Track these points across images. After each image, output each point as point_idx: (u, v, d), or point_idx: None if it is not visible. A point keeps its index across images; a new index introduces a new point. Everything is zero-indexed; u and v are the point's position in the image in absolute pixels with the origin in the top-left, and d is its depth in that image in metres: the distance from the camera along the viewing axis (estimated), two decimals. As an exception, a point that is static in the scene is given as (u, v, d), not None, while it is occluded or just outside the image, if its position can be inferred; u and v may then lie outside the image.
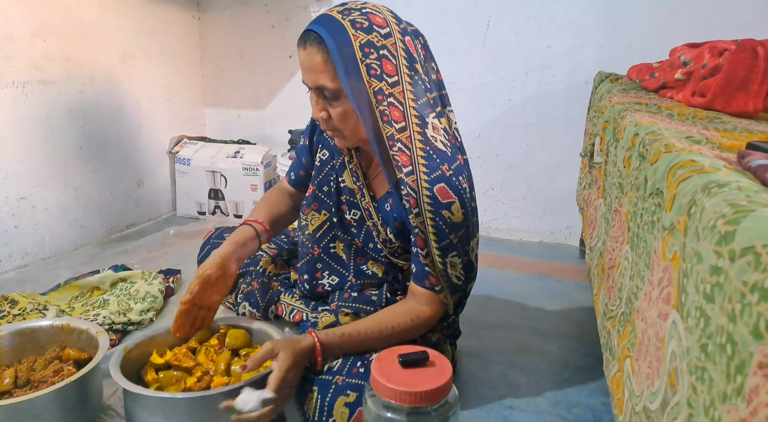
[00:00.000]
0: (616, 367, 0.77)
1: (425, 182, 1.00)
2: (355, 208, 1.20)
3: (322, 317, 1.19)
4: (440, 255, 1.05)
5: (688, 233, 0.50)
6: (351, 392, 1.01)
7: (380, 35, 0.99)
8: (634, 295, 0.72)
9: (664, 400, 0.52)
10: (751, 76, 1.10)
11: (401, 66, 1.00)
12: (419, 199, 1.01)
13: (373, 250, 1.20)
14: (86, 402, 1.06)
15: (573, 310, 1.68)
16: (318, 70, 0.99)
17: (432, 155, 1.01)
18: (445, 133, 1.06)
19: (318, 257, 1.25)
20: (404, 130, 1.00)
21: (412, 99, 1.01)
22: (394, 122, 0.99)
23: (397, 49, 1.00)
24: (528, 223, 2.35)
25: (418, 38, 1.08)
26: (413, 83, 1.01)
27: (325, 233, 1.24)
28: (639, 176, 0.78)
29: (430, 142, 1.02)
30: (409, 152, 1.00)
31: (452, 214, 1.02)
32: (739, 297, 0.38)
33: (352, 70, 0.97)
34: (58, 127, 1.94)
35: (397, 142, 1.00)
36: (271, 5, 2.47)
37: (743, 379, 0.36)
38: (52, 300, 1.56)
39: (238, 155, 2.46)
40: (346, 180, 1.19)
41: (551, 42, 2.11)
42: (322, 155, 1.24)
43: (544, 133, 2.21)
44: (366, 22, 0.98)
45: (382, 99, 0.98)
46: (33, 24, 1.81)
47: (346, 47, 0.96)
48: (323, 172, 1.23)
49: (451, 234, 1.04)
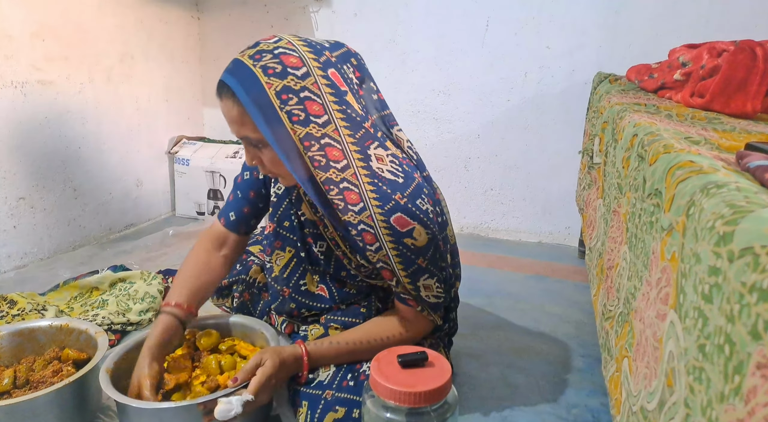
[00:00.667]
0: (614, 367, 0.77)
1: (380, 215, 0.95)
2: (321, 240, 1.15)
3: (311, 329, 1.18)
4: (410, 282, 1.02)
5: (687, 234, 0.50)
6: (340, 407, 0.99)
7: (297, 77, 0.92)
8: (632, 296, 0.72)
9: (661, 400, 0.52)
10: (749, 77, 1.11)
11: (328, 103, 0.94)
12: (377, 233, 0.96)
13: (348, 277, 1.17)
14: (85, 403, 1.06)
15: (572, 311, 1.68)
16: (238, 121, 0.95)
17: (381, 187, 0.96)
18: (394, 158, 1.00)
19: (290, 297, 1.21)
20: (348, 168, 0.95)
21: (349, 134, 0.95)
22: (334, 162, 0.94)
23: (320, 86, 0.93)
24: (527, 224, 2.35)
25: (348, 62, 1.02)
26: (346, 118, 0.95)
27: (292, 271, 1.19)
28: (638, 177, 0.78)
29: (377, 174, 0.96)
30: (357, 189, 0.95)
31: (415, 240, 0.97)
32: (737, 298, 0.38)
33: (272, 120, 0.92)
34: (56, 127, 1.94)
35: (342, 182, 0.95)
36: (270, 5, 2.48)
37: (741, 379, 0.36)
38: (51, 300, 1.55)
39: (237, 155, 2.46)
40: (306, 212, 1.14)
41: (550, 43, 2.11)
42: (277, 190, 1.17)
43: (544, 133, 2.21)
44: (279, 66, 0.91)
45: (310, 144, 0.93)
46: (32, 24, 1.81)
47: (261, 97, 0.91)
48: (281, 206, 1.17)
49: (419, 259, 1.00)
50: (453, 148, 2.35)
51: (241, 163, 2.33)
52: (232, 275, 1.38)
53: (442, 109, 2.33)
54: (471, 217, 2.41)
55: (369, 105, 1.03)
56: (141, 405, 0.95)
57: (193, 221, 2.49)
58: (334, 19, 2.38)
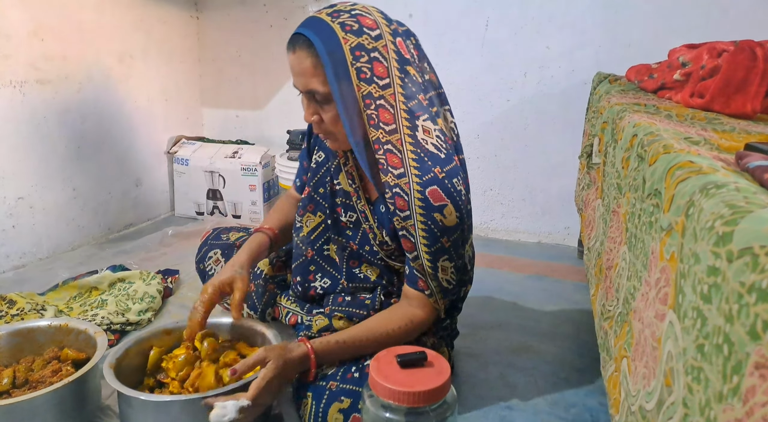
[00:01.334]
0: (613, 367, 0.77)
1: (417, 184, 0.99)
2: (351, 211, 1.19)
3: (316, 320, 1.19)
4: (430, 260, 1.03)
5: (686, 234, 0.50)
6: (345, 398, 1.00)
7: (371, 38, 0.98)
8: (632, 296, 0.72)
9: (659, 400, 0.52)
10: (749, 77, 1.11)
11: (392, 68, 0.99)
12: (410, 202, 0.99)
13: (369, 253, 1.19)
14: (84, 403, 1.06)
15: (571, 311, 1.68)
16: (308, 74, 0.98)
17: (423, 157, 1.00)
18: (440, 134, 1.04)
19: (311, 259, 1.24)
20: (395, 132, 0.99)
21: (403, 101, 1.00)
22: (384, 124, 0.99)
23: (389, 51, 0.99)
24: (526, 224, 2.35)
25: (410, 38, 1.07)
26: (404, 85, 1.00)
27: (319, 235, 1.23)
28: (637, 177, 0.78)
29: (421, 144, 1.00)
30: (400, 154, 0.99)
31: (444, 217, 1.00)
32: (736, 298, 0.38)
33: (342, 74, 0.96)
34: (55, 126, 1.94)
35: (386, 143, 0.99)
36: (270, 5, 2.47)
37: (740, 379, 0.36)
38: (50, 300, 1.55)
39: (237, 155, 2.46)
40: (342, 182, 1.19)
41: (550, 43, 2.11)
42: (318, 157, 1.24)
43: (543, 133, 2.21)
44: (356, 24, 0.97)
45: (370, 102, 0.98)
46: (31, 23, 1.81)
47: (337, 51, 0.96)
48: (319, 173, 1.23)
49: (443, 238, 1.02)
50: (452, 148, 2.35)
51: (240, 163, 2.32)
52: None
53: (441, 109, 2.33)
54: (470, 217, 2.41)
55: (425, 81, 1.07)
56: (148, 398, 0.96)
57: (192, 221, 2.49)
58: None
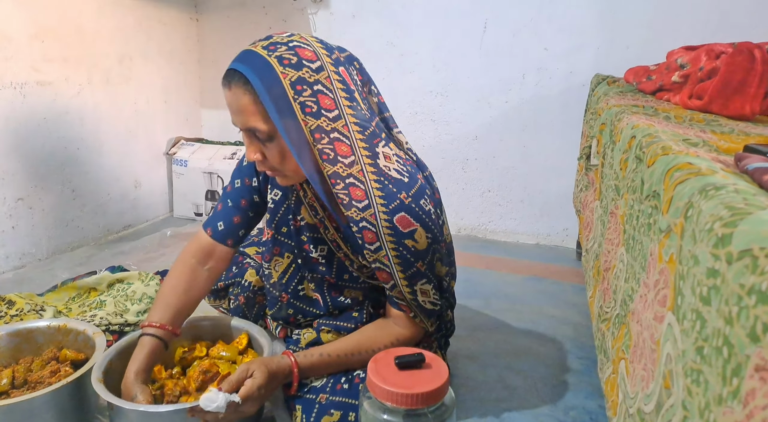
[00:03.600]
0: (611, 369, 0.77)
1: (383, 214, 0.95)
2: (321, 244, 1.14)
3: (304, 334, 1.18)
4: (408, 285, 1.01)
5: (685, 236, 0.50)
6: (335, 411, 0.99)
7: (311, 70, 0.92)
8: (629, 298, 0.72)
9: (658, 402, 0.52)
10: (748, 79, 1.11)
11: (339, 99, 0.94)
12: (379, 233, 0.96)
13: (350, 280, 1.16)
14: (83, 403, 1.06)
15: (570, 313, 1.68)
16: (247, 111, 0.93)
17: (387, 185, 0.96)
18: (399, 158, 1.01)
19: (288, 303, 1.20)
20: (354, 164, 0.95)
21: (358, 131, 0.95)
22: (342, 157, 0.94)
23: (332, 81, 0.94)
24: (525, 225, 2.35)
25: (352, 64, 1.02)
26: (356, 115, 0.96)
27: (291, 276, 1.18)
28: (636, 178, 0.78)
29: (383, 171, 0.97)
30: (363, 186, 0.95)
31: (416, 242, 0.97)
32: (735, 300, 0.38)
33: (284, 110, 0.91)
34: (55, 128, 1.94)
35: (348, 177, 0.94)
36: (269, 7, 2.48)
37: (739, 382, 0.36)
38: (49, 301, 1.55)
39: (235, 156, 2.46)
40: (305, 216, 1.13)
41: (548, 44, 2.12)
42: (273, 196, 1.15)
43: (541, 135, 2.21)
44: (294, 57, 0.91)
45: (320, 137, 0.93)
46: (31, 25, 1.81)
47: (275, 87, 0.90)
48: (279, 212, 1.15)
49: (418, 263, 0.99)
50: (451, 150, 2.35)
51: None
52: (228, 277, 1.37)
53: (439, 111, 2.33)
54: (469, 219, 2.41)
55: (372, 106, 1.04)
56: (150, 409, 0.95)
57: (190, 222, 2.49)
58: (332, 20, 2.38)
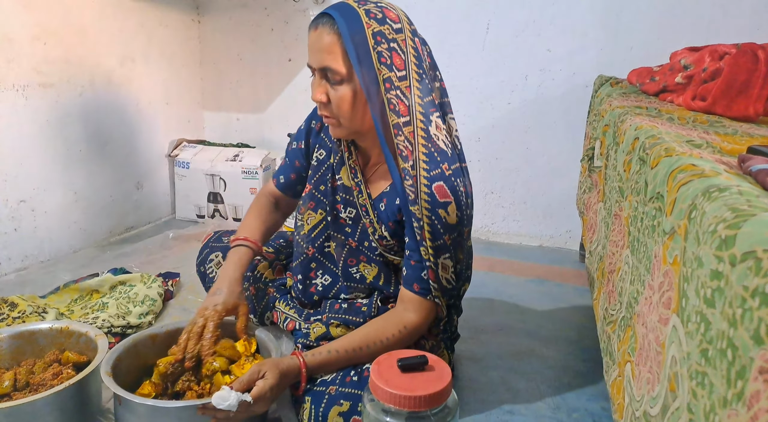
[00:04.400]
0: (617, 372, 0.77)
1: (424, 179, 1.01)
2: (351, 206, 1.19)
3: (314, 328, 1.19)
4: (433, 255, 1.04)
5: (689, 237, 0.50)
6: (344, 401, 1.00)
7: (392, 29, 1.01)
8: (635, 300, 0.71)
9: (664, 405, 0.52)
10: (751, 80, 1.10)
11: (410, 62, 1.02)
12: (418, 196, 1.01)
13: (368, 249, 1.19)
14: (85, 405, 1.06)
15: (573, 315, 1.68)
16: (326, 50, 1.00)
17: (433, 153, 1.02)
18: (447, 135, 1.07)
19: (312, 257, 1.24)
20: (408, 125, 1.01)
21: (419, 96, 1.02)
22: (399, 115, 1.01)
23: (407, 46, 1.02)
24: (528, 227, 2.35)
25: (426, 45, 1.10)
26: (420, 80, 1.03)
27: (320, 233, 1.23)
28: (639, 180, 0.78)
29: (433, 139, 1.03)
30: (412, 147, 1.01)
31: (447, 215, 1.02)
32: (739, 302, 0.38)
33: (362, 55, 0.99)
34: (57, 130, 1.94)
35: (401, 134, 1.01)
36: (271, 9, 2.48)
37: (744, 384, 0.36)
38: (52, 303, 1.55)
39: (237, 158, 2.46)
40: (343, 177, 1.18)
41: (551, 45, 2.11)
42: (318, 155, 1.24)
43: (544, 136, 2.21)
44: (380, 13, 1.01)
45: (390, 87, 1.00)
46: (33, 27, 1.81)
47: (359, 33, 0.98)
48: (320, 170, 1.22)
49: (445, 235, 1.04)
50: (454, 151, 2.35)
51: (241, 166, 2.32)
52: None
53: (442, 112, 2.33)
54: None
55: (435, 87, 1.10)
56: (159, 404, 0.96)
57: (193, 224, 2.49)
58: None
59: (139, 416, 0.98)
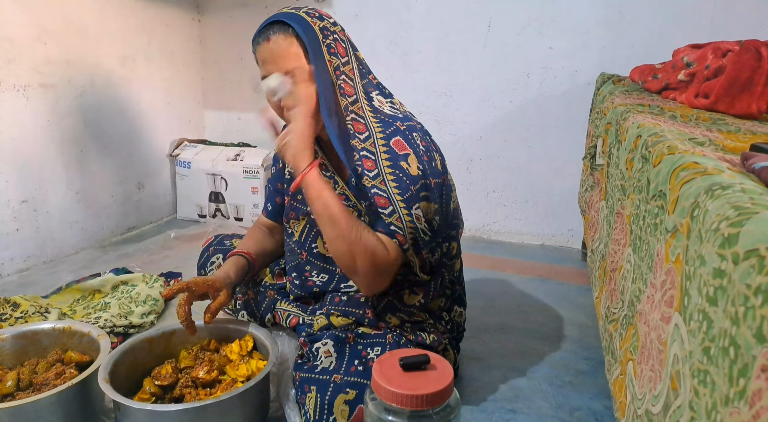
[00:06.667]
0: (619, 370, 0.77)
1: (381, 139, 1.08)
2: None
3: (317, 319, 1.19)
4: (405, 207, 1.05)
5: (691, 236, 0.50)
6: (350, 389, 1.02)
7: (330, 23, 1.13)
8: (637, 298, 0.71)
9: (666, 403, 0.51)
10: (754, 78, 1.10)
11: (349, 49, 1.14)
12: (377, 160, 1.06)
13: None
14: (88, 405, 1.06)
15: (575, 313, 1.68)
16: (286, 55, 1.08)
17: (383, 118, 1.11)
18: (392, 106, 1.16)
19: (306, 260, 1.26)
20: (356, 102, 1.11)
21: (360, 76, 1.14)
22: (347, 96, 1.10)
23: (344, 35, 1.15)
24: (530, 226, 2.34)
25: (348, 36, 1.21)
26: (360, 64, 1.15)
27: (306, 236, 1.26)
28: (641, 178, 0.78)
29: (379, 110, 1.13)
30: (363, 120, 1.10)
31: (409, 166, 1.07)
32: (742, 300, 0.38)
33: (317, 50, 1.08)
34: (58, 130, 1.94)
35: (351, 112, 1.10)
36: (272, 7, 2.47)
37: (746, 382, 0.36)
38: (54, 303, 1.56)
39: (239, 158, 2.46)
40: None
41: (553, 43, 2.11)
42: (290, 169, 1.28)
43: (546, 134, 2.21)
44: (316, 13, 1.13)
45: (339, 74, 1.10)
46: (34, 27, 1.81)
47: (309, 30, 1.08)
48: (293, 179, 1.22)
49: (412, 186, 1.06)
50: (455, 150, 2.34)
51: (242, 166, 2.32)
52: None
53: (443, 111, 2.33)
54: (473, 220, 2.41)
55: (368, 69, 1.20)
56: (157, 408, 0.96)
57: (194, 224, 2.49)
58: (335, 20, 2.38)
59: (138, 421, 0.98)
